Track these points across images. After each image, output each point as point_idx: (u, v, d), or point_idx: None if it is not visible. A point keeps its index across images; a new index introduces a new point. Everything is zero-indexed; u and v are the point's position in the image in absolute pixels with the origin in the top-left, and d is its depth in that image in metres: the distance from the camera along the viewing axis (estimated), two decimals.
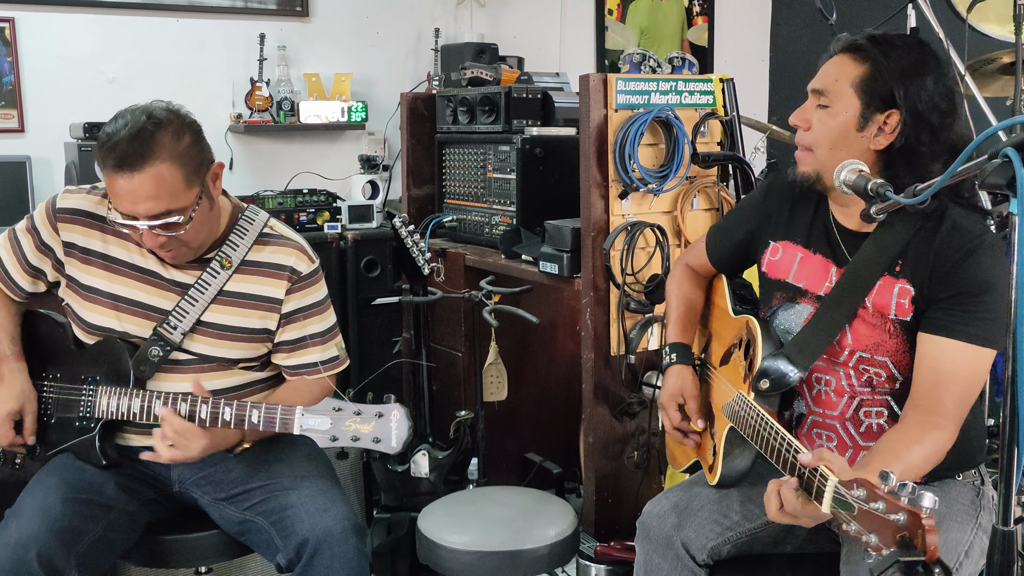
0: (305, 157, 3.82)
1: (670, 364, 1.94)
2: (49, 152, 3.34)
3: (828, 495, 1.32)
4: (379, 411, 1.67)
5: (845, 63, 1.66)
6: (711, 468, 1.83)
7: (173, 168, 1.78)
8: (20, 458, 1.97)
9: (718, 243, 2.01)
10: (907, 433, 1.57)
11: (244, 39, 3.67)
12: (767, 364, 1.70)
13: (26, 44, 3.34)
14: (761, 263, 1.88)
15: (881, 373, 1.70)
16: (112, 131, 1.78)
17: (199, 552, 2.01)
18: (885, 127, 1.63)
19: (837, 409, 1.74)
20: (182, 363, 1.95)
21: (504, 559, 2.06)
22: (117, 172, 1.76)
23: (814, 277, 1.78)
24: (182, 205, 1.81)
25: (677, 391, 1.91)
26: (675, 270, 2.10)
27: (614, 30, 4.49)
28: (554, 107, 3.03)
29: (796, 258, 1.81)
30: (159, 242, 1.83)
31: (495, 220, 3.05)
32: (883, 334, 1.68)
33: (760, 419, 1.60)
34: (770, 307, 1.85)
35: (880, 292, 1.67)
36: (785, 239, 1.84)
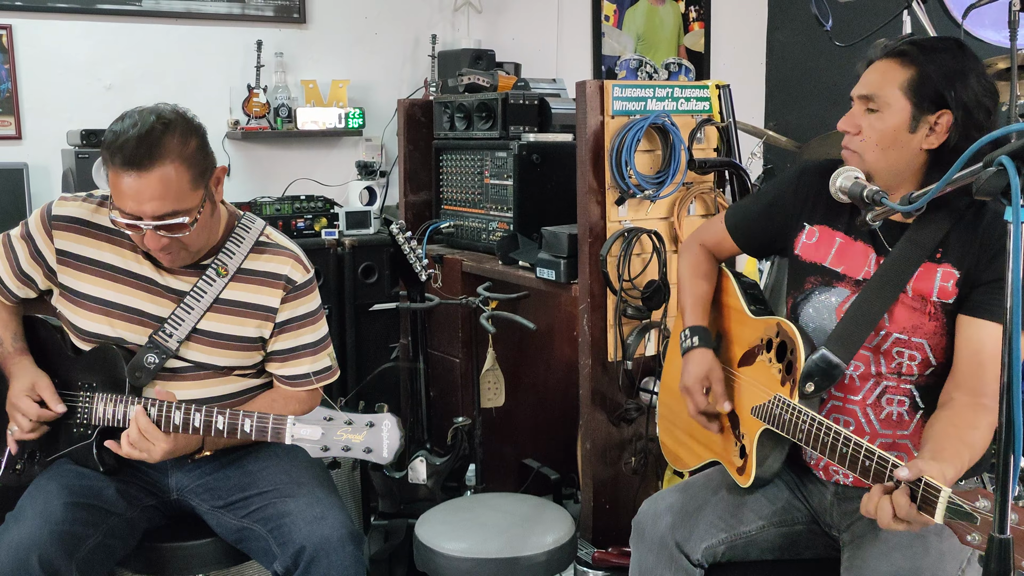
0: (302, 163, 3.82)
1: (691, 347, 1.93)
2: (46, 159, 3.34)
3: (941, 506, 1.32)
4: (370, 421, 1.67)
5: (891, 68, 1.70)
6: (740, 470, 1.82)
7: (180, 169, 1.78)
8: (20, 463, 1.97)
9: (744, 223, 2.00)
10: (963, 417, 1.58)
11: (241, 46, 3.67)
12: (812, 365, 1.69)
13: (23, 51, 3.34)
14: (795, 246, 1.88)
15: (916, 356, 1.70)
16: (120, 130, 1.77)
17: (197, 560, 2.01)
18: (936, 127, 1.67)
19: (859, 394, 1.75)
20: (178, 371, 1.95)
21: (502, 566, 2.06)
22: (124, 171, 1.76)
23: (854, 262, 1.78)
24: (187, 207, 1.81)
25: (703, 374, 1.89)
26: (688, 250, 2.08)
27: (611, 36, 4.50)
28: (551, 113, 3.03)
29: (835, 243, 1.82)
30: (161, 244, 1.83)
31: (492, 226, 3.05)
32: (922, 316, 1.69)
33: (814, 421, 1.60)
34: (802, 291, 1.85)
35: (920, 278, 1.69)
36: (823, 223, 1.84)
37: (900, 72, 1.69)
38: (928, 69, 1.67)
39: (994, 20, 2.99)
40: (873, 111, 1.71)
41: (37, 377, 1.92)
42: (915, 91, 1.67)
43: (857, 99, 1.75)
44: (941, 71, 1.66)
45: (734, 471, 1.85)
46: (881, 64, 1.72)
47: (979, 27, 3.44)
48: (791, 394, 1.71)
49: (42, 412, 1.89)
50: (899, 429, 1.73)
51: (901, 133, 1.68)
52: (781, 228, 1.92)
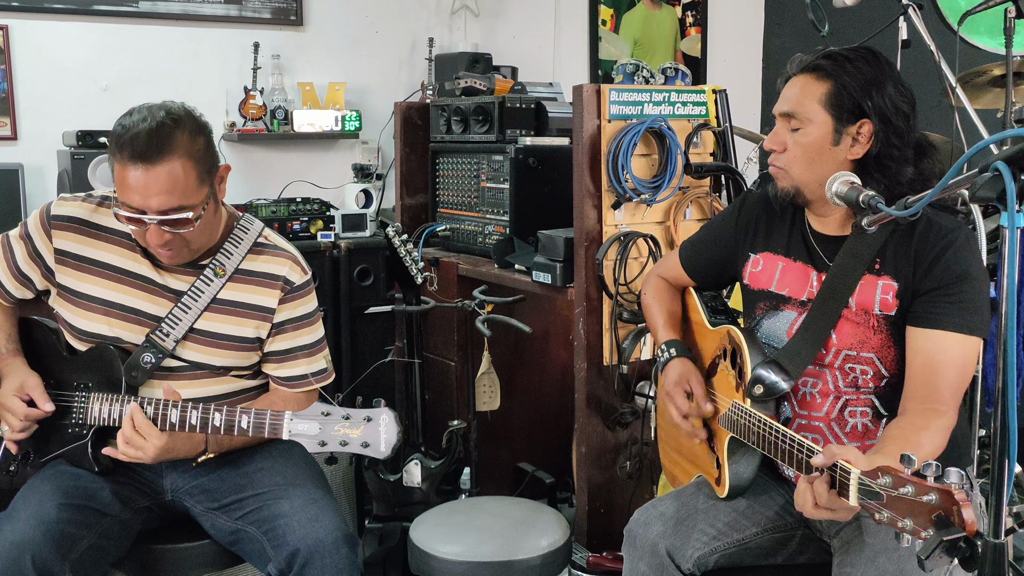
0: (298, 166, 3.82)
1: (669, 359, 1.94)
2: (42, 160, 3.34)
3: (853, 488, 1.33)
4: (368, 415, 1.67)
5: (808, 83, 1.72)
6: (718, 481, 1.83)
7: (188, 165, 1.79)
8: (14, 464, 1.96)
9: (694, 257, 2.05)
10: (911, 421, 1.59)
11: (238, 48, 3.68)
12: (759, 371, 1.72)
13: (19, 52, 3.34)
14: (743, 276, 1.93)
15: (867, 371, 1.73)
16: (129, 124, 1.78)
17: (190, 561, 2.00)
18: (859, 137, 1.70)
19: (823, 410, 1.77)
20: (174, 370, 1.95)
21: (496, 569, 2.05)
22: (133, 164, 1.76)
23: (796, 283, 1.82)
24: (192, 203, 1.81)
25: (683, 378, 1.90)
26: (648, 282, 2.13)
27: (608, 40, 4.51)
28: (548, 117, 3.04)
29: (778, 267, 1.85)
30: (164, 239, 1.82)
31: (488, 230, 3.05)
32: (867, 331, 1.72)
33: (763, 424, 1.62)
34: (753, 317, 1.89)
35: (862, 290, 1.71)
36: (765, 250, 1.89)
37: (817, 86, 1.71)
38: (844, 81, 1.69)
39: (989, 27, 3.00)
40: (795, 129, 1.73)
41: (27, 376, 1.92)
42: (834, 104, 1.69)
43: (779, 116, 1.77)
44: (857, 82, 1.68)
45: (713, 482, 1.86)
46: (799, 79, 1.74)
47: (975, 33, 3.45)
48: (743, 399, 1.73)
49: (30, 411, 1.89)
50: (866, 439, 1.75)
51: (825, 147, 1.71)
52: (728, 259, 1.97)
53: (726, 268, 1.99)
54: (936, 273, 1.65)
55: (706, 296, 2.05)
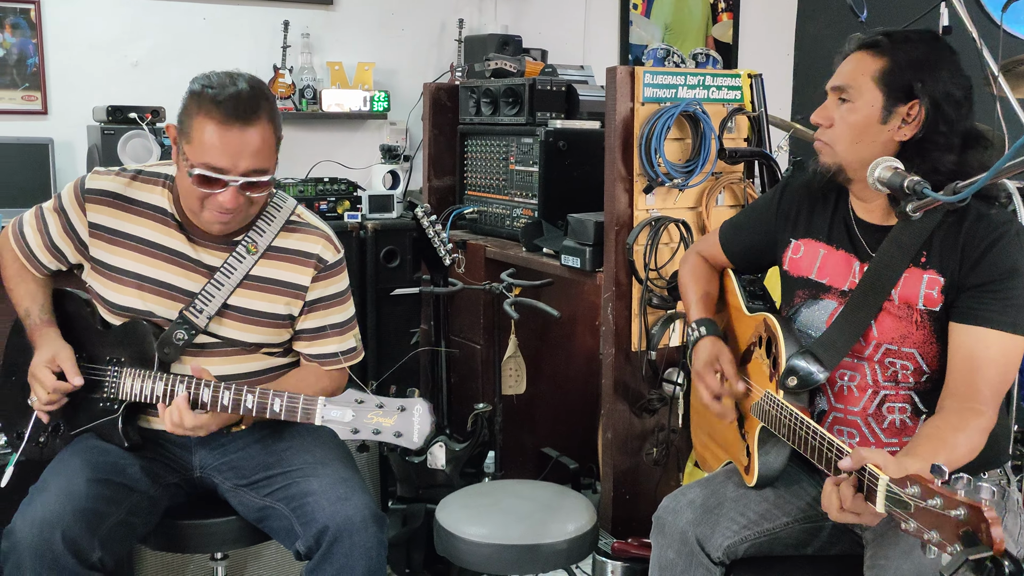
0: (326, 146, 3.81)
1: (699, 338, 1.92)
2: (72, 135, 3.34)
3: (880, 494, 1.30)
4: (402, 405, 1.66)
5: (863, 59, 1.70)
6: (747, 469, 1.81)
7: (270, 130, 1.83)
8: (44, 436, 1.97)
9: (734, 240, 2.02)
10: (948, 420, 1.56)
11: (268, 26, 3.66)
12: (794, 362, 1.69)
13: (51, 27, 3.34)
14: (783, 262, 1.89)
15: (908, 366, 1.69)
16: (216, 85, 1.79)
17: (217, 538, 2.01)
18: (909, 118, 1.66)
19: (859, 405, 1.74)
20: (207, 347, 1.95)
21: (522, 553, 2.04)
22: (228, 124, 1.76)
23: (837, 272, 1.78)
24: (271, 167, 1.85)
25: (712, 357, 1.88)
26: (687, 259, 2.10)
27: (638, 25, 4.46)
28: (578, 100, 3.01)
29: (819, 255, 1.82)
30: (238, 203, 1.83)
31: (516, 213, 3.03)
32: (909, 325, 1.68)
33: (795, 418, 1.59)
34: (792, 305, 1.85)
35: (906, 284, 1.67)
36: (806, 236, 1.85)
37: (872, 62, 1.68)
38: (899, 59, 1.66)
39: None
40: (845, 101, 1.70)
41: (59, 349, 1.92)
42: (886, 81, 1.66)
43: (830, 91, 1.74)
44: (912, 61, 1.65)
45: (742, 470, 1.84)
46: (855, 56, 1.71)
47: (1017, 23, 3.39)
48: (776, 390, 1.71)
49: (59, 384, 1.88)
50: (904, 435, 1.72)
51: (872, 124, 1.67)
52: (768, 245, 1.93)
53: (765, 253, 1.96)
54: (983, 268, 1.61)
55: (744, 280, 2.01)
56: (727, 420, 1.87)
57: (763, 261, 2.01)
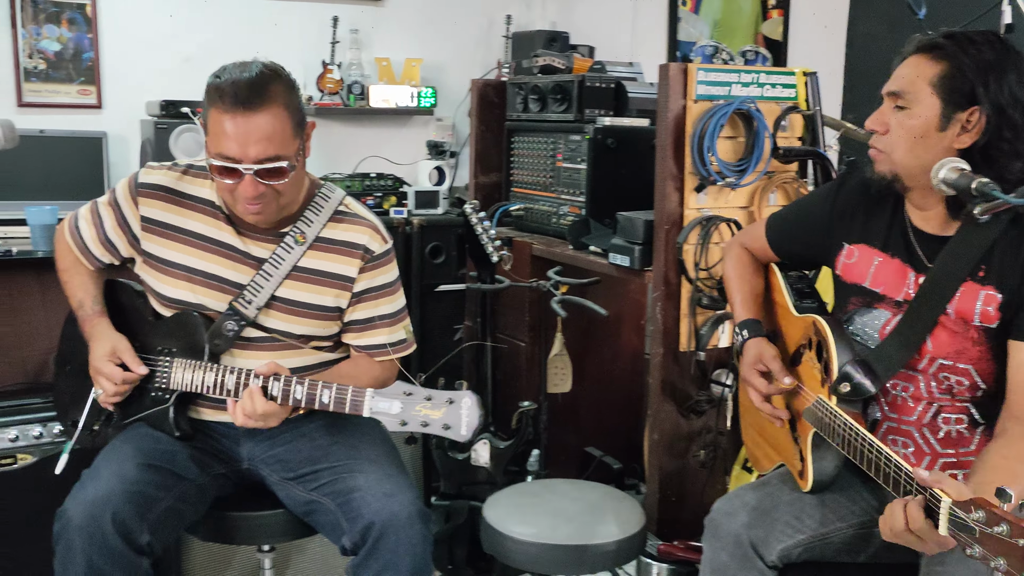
0: (373, 141, 3.82)
1: (744, 340, 1.89)
2: (125, 129, 3.39)
3: (943, 518, 1.27)
4: (450, 398, 1.65)
5: (921, 63, 1.63)
6: (801, 474, 1.78)
7: (284, 115, 1.80)
8: (98, 425, 1.99)
9: (782, 235, 1.97)
10: (1015, 448, 1.51)
11: (317, 21, 3.68)
12: (847, 370, 1.65)
13: (106, 22, 3.38)
14: (835, 266, 1.84)
15: (963, 381, 1.65)
16: (227, 75, 1.79)
17: (264, 530, 2.02)
18: (968, 125, 1.59)
19: (914, 415, 1.70)
20: (256, 340, 1.96)
21: (570, 553, 2.03)
22: (232, 112, 1.76)
23: (892, 282, 1.73)
24: (287, 153, 1.82)
25: (756, 359, 1.84)
26: (731, 251, 2.06)
27: (687, 21, 4.41)
28: (627, 97, 2.98)
29: (873, 262, 1.76)
30: (258, 191, 1.82)
31: (563, 210, 3.02)
32: (965, 341, 1.63)
33: (849, 428, 1.56)
34: (845, 312, 1.81)
35: (963, 299, 1.62)
36: (861, 242, 1.79)
37: (931, 67, 1.61)
38: (960, 63, 1.58)
39: None
40: (902, 108, 1.64)
41: (116, 340, 1.94)
42: (945, 87, 1.59)
43: (886, 96, 1.68)
44: (974, 65, 1.58)
45: (796, 475, 1.81)
46: (913, 59, 1.64)
47: None
48: (829, 396, 1.67)
49: (126, 375, 1.91)
50: (960, 447, 1.67)
51: (930, 131, 1.61)
52: (820, 246, 1.88)
53: (815, 252, 1.91)
54: None
55: (791, 277, 1.96)
56: (779, 423, 1.84)
57: (812, 259, 1.96)
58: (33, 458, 2.44)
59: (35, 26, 3.24)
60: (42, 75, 3.28)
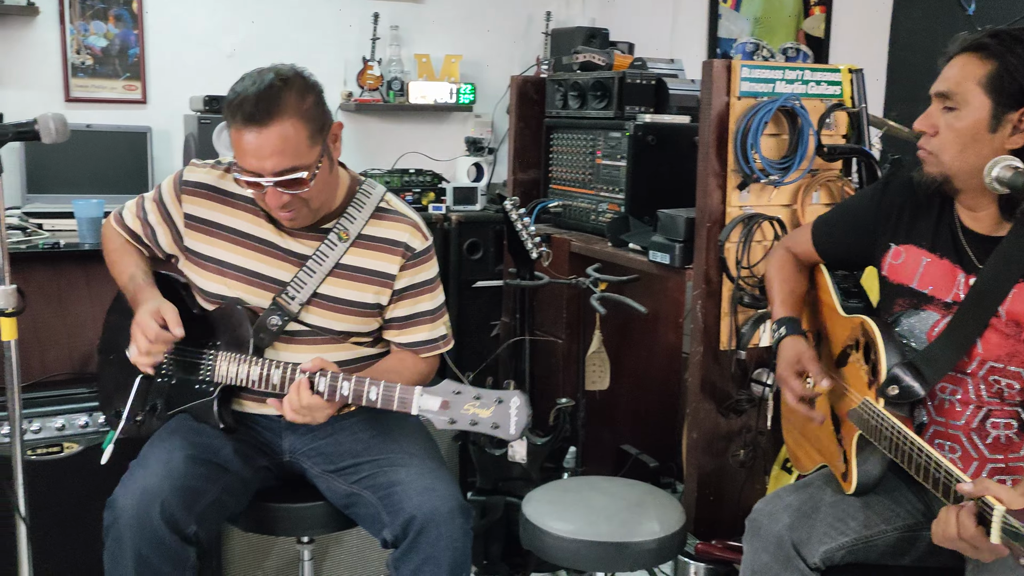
0: (412, 137, 3.84)
1: (781, 338, 1.87)
2: (168, 124, 3.44)
3: (996, 526, 1.26)
4: (499, 397, 1.66)
5: (969, 63, 1.60)
6: (844, 476, 1.76)
7: (298, 125, 1.79)
8: (142, 415, 2.01)
9: (828, 237, 1.95)
10: None
11: (358, 18, 3.71)
12: (896, 372, 1.63)
13: (151, 19, 3.43)
14: (881, 266, 1.82)
15: (1014, 384, 1.62)
16: (240, 89, 1.79)
17: (305, 522, 2.04)
18: (1022, 125, 1.56)
19: (962, 419, 1.67)
20: (298, 334, 1.97)
21: (610, 550, 2.02)
22: (245, 128, 1.77)
23: (941, 283, 1.70)
24: (306, 163, 1.82)
25: (794, 358, 1.83)
26: (775, 254, 2.05)
27: (728, 18, 4.38)
28: (668, 94, 2.96)
29: (921, 263, 1.74)
30: (282, 201, 1.83)
31: (602, 207, 3.01)
32: (1017, 344, 1.60)
33: (897, 431, 1.54)
34: (891, 313, 1.78)
35: (1015, 300, 1.59)
36: (908, 242, 1.77)
37: (980, 67, 1.58)
38: (1009, 62, 1.55)
39: None
40: (951, 109, 1.61)
41: (163, 302, 1.91)
42: (995, 87, 1.56)
43: (934, 97, 1.65)
44: (1022, 65, 1.55)
45: (839, 476, 1.79)
46: (960, 59, 1.61)
47: None
48: (876, 398, 1.64)
49: (161, 332, 1.85)
50: (1009, 452, 1.65)
51: (980, 132, 1.58)
52: (866, 247, 1.86)
53: (862, 254, 1.89)
54: None
55: (838, 276, 1.94)
56: (817, 423, 1.82)
57: (858, 260, 1.94)
58: (79, 447, 2.48)
59: (83, 22, 3.30)
60: (89, 70, 3.33)
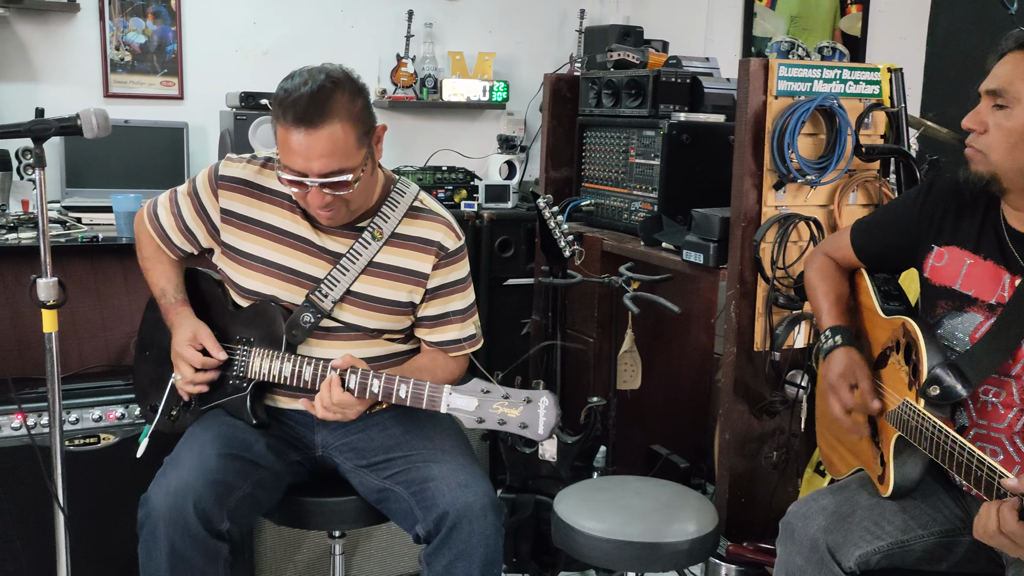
0: (445, 134, 3.85)
1: (835, 346, 1.84)
2: (205, 120, 3.46)
3: None
4: (528, 396, 1.65)
5: (1022, 60, 1.57)
6: (881, 478, 1.74)
7: (347, 128, 1.79)
8: (176, 410, 2.04)
9: (868, 240, 1.93)
10: None
11: (392, 15, 3.72)
12: (937, 372, 1.61)
13: (189, 16, 3.46)
14: (923, 268, 1.79)
15: None
16: (291, 88, 1.79)
17: (337, 516, 2.05)
18: None
19: (1004, 422, 1.64)
20: (330, 331, 1.98)
21: (642, 550, 2.01)
22: (295, 128, 1.77)
23: (984, 284, 1.68)
24: (352, 165, 1.82)
25: (849, 370, 1.80)
26: (813, 260, 2.02)
27: (763, 17, 4.34)
28: (703, 93, 2.95)
29: (964, 264, 1.71)
30: (324, 201, 1.84)
31: (635, 206, 2.99)
32: None
33: (939, 431, 1.52)
34: (934, 316, 1.76)
35: None
36: (951, 244, 1.75)
37: None
38: None
39: None
40: (1001, 107, 1.58)
41: (198, 327, 1.98)
42: None
43: (984, 94, 1.62)
44: None
45: (876, 479, 1.77)
46: (1013, 56, 1.59)
47: None
48: (916, 399, 1.62)
49: (205, 360, 1.95)
50: None
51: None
52: (908, 248, 1.83)
53: (903, 256, 1.87)
54: None
55: (879, 279, 1.92)
56: (859, 436, 1.80)
57: (899, 263, 1.92)
58: (115, 438, 2.51)
59: (122, 19, 3.33)
60: (127, 67, 3.37)
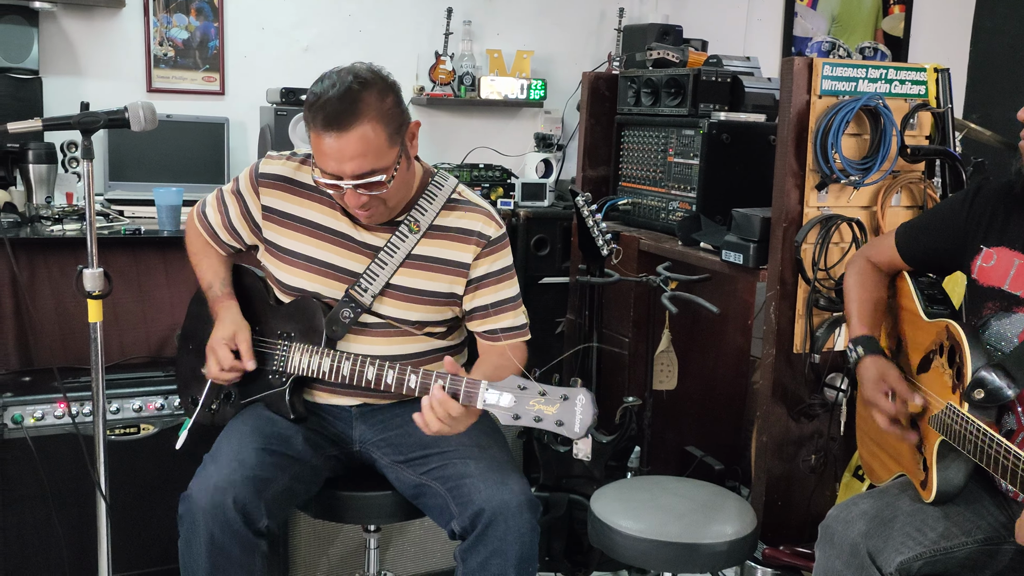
0: (482, 132, 3.85)
1: (859, 359, 1.84)
2: (245, 115, 3.49)
3: None
4: (564, 394, 1.64)
5: None
6: (924, 484, 1.72)
7: (378, 128, 1.79)
8: (216, 403, 2.06)
9: (914, 243, 1.91)
10: None
11: (431, 12, 3.73)
12: (982, 374, 1.58)
13: (231, 12, 3.49)
14: (971, 270, 1.77)
15: None
16: (320, 91, 1.80)
17: (373, 511, 2.06)
18: None
19: None
20: (371, 326, 1.99)
21: (680, 551, 2.00)
22: (325, 131, 1.78)
23: None
24: (385, 164, 1.83)
25: (877, 378, 1.79)
26: (854, 264, 2.01)
27: (804, 16, 4.29)
28: (744, 92, 2.92)
29: (1014, 264, 1.69)
30: (361, 201, 1.85)
31: (672, 206, 2.97)
32: None
33: (983, 435, 1.49)
34: (980, 317, 1.73)
35: None
36: (1000, 244, 1.72)
37: None
38: None
39: None
40: None
41: (239, 328, 1.99)
42: None
43: None
44: None
45: (918, 484, 1.75)
46: None
47: None
48: (960, 403, 1.60)
49: (235, 363, 1.96)
50: None
51: None
52: (955, 250, 1.81)
53: (949, 259, 1.85)
54: None
55: (922, 283, 1.90)
56: (911, 442, 1.78)
57: (945, 266, 1.90)
58: (155, 428, 2.54)
59: (166, 15, 3.37)
60: (170, 62, 3.41)
